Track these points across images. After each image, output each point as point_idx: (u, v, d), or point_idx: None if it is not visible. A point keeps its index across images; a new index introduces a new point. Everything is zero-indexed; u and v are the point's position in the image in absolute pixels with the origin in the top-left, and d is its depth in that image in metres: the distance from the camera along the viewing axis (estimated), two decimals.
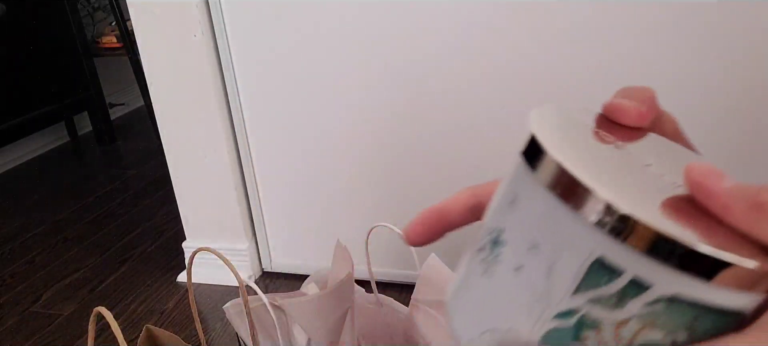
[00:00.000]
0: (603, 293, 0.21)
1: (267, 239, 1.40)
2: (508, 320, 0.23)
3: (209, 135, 1.30)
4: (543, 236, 0.22)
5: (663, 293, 0.21)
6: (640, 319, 0.21)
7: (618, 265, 0.21)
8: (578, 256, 0.21)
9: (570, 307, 0.22)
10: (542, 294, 0.22)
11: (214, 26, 1.21)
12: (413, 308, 0.83)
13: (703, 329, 0.21)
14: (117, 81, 2.87)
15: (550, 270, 0.22)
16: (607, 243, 0.21)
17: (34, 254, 1.66)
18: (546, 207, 0.22)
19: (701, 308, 0.21)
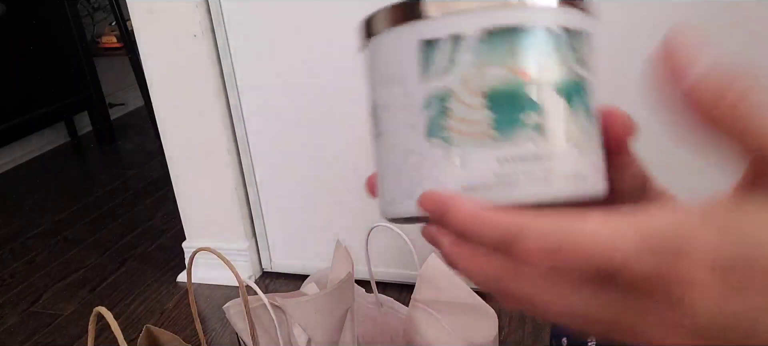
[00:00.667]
0: (439, 64, 0.26)
1: (267, 239, 1.40)
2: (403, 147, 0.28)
3: (209, 135, 1.30)
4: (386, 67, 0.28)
5: (475, 32, 0.26)
6: (474, 66, 0.26)
7: (436, 34, 0.26)
8: (409, 51, 0.27)
9: (426, 93, 0.27)
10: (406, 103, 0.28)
11: (214, 26, 1.21)
12: (413, 308, 0.83)
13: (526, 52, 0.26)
14: (117, 81, 2.87)
15: (401, 81, 0.28)
16: (420, 27, 0.26)
17: (34, 254, 1.66)
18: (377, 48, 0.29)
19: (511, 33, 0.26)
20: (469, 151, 0.26)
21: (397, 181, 0.29)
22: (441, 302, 0.82)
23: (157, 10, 1.22)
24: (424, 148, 0.27)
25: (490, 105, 0.26)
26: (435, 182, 0.27)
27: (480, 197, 0.26)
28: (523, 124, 0.26)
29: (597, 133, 0.29)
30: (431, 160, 0.27)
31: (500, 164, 0.26)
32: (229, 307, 0.77)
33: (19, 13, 2.21)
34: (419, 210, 0.28)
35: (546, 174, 0.26)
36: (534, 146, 0.26)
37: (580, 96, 0.27)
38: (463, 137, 0.26)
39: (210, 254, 0.72)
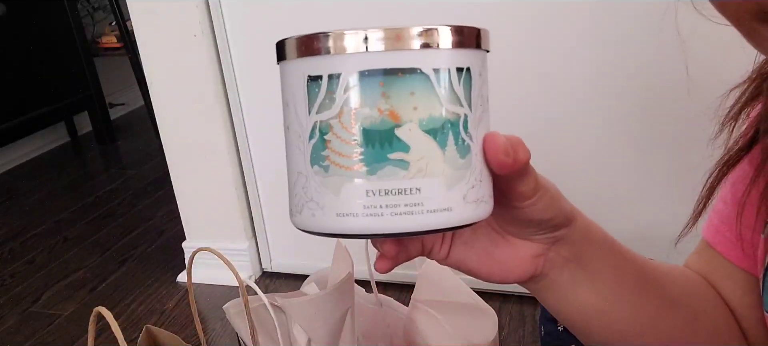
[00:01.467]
0: (320, 99, 0.29)
1: (267, 239, 1.40)
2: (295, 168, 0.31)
3: (209, 135, 1.30)
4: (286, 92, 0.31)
5: (349, 73, 0.28)
6: (349, 104, 0.28)
7: (317, 72, 0.29)
8: (300, 85, 0.30)
9: (311, 125, 0.30)
10: (299, 130, 0.30)
11: (214, 26, 1.21)
12: (413, 308, 0.83)
13: (396, 92, 0.28)
14: (117, 81, 2.87)
15: (295, 109, 0.30)
16: (306, 63, 0.29)
17: (34, 254, 1.66)
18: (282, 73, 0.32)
19: (381, 74, 0.28)
20: (341, 182, 0.29)
21: (293, 194, 0.32)
22: (441, 302, 0.82)
23: (157, 10, 1.22)
24: (309, 173, 0.30)
25: (362, 141, 0.29)
26: (315, 205, 0.30)
27: (350, 224, 0.29)
28: (389, 162, 0.29)
29: (475, 164, 0.31)
30: (313, 185, 0.30)
31: (368, 196, 0.29)
32: (229, 307, 0.77)
33: (19, 13, 2.21)
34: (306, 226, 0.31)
35: (409, 209, 0.29)
36: (398, 182, 0.29)
37: (453, 132, 0.29)
38: (338, 169, 0.29)
39: (210, 254, 0.72)
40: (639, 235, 1.13)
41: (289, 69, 0.31)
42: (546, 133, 1.10)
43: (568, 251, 0.38)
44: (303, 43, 0.29)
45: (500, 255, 0.38)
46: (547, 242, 0.37)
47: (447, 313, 0.81)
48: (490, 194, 0.32)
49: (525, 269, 0.38)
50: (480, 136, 0.31)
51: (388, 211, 0.29)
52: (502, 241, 0.38)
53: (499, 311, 1.21)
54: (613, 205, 1.12)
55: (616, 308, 0.41)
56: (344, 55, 0.28)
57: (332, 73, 0.29)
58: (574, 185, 1.12)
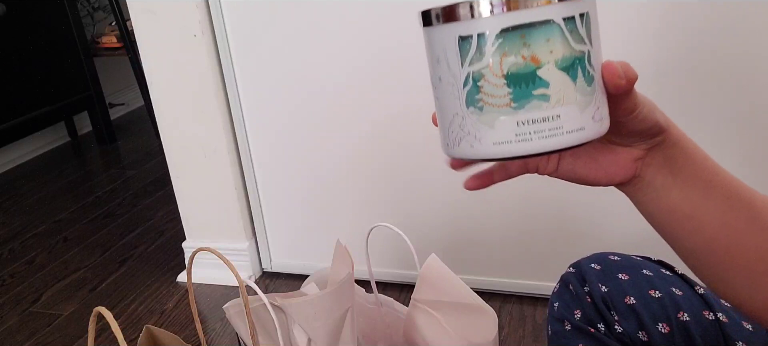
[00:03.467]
0: (471, 54, 0.36)
1: (267, 239, 1.40)
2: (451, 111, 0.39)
3: (209, 135, 1.30)
4: (438, 51, 0.38)
5: (495, 31, 0.35)
6: (496, 55, 0.35)
7: (467, 32, 0.36)
8: (451, 44, 0.37)
9: (464, 75, 0.37)
10: (452, 80, 0.38)
11: (214, 26, 1.21)
12: (413, 308, 0.83)
13: (534, 41, 0.35)
14: (117, 81, 2.87)
15: (448, 63, 0.37)
16: (456, 26, 0.36)
17: (34, 254, 1.66)
18: (431, 36, 0.38)
19: (521, 28, 0.35)
20: (495, 117, 0.37)
21: (449, 131, 0.40)
22: (441, 302, 0.82)
23: (157, 10, 1.22)
24: (465, 113, 0.38)
25: (509, 83, 0.36)
26: (473, 138, 0.38)
27: (505, 150, 0.37)
28: (534, 97, 0.36)
29: (597, 89, 0.38)
30: (470, 122, 0.38)
31: (518, 126, 0.36)
32: (229, 307, 0.77)
33: (19, 13, 2.21)
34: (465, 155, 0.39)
35: (552, 132, 0.36)
36: (542, 112, 0.36)
37: (581, 66, 0.36)
38: (491, 107, 0.36)
39: (210, 254, 0.72)
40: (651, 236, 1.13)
41: (438, 32, 0.37)
42: None
43: (662, 157, 0.44)
44: (451, 11, 0.36)
45: (604, 160, 0.45)
46: (644, 148, 0.44)
47: (447, 313, 0.81)
48: (608, 112, 0.39)
49: (626, 171, 0.44)
50: (599, 65, 0.38)
51: (536, 136, 0.36)
52: (605, 148, 0.44)
53: (499, 311, 1.21)
54: (622, 204, 1.12)
55: (704, 215, 0.44)
56: (490, 17, 0.35)
57: (480, 32, 0.35)
58: None
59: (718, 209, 0.44)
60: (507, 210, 1.19)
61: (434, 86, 0.40)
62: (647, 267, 0.66)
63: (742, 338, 0.59)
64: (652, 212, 0.46)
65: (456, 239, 1.24)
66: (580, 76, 0.36)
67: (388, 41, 1.12)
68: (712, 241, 0.44)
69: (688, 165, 0.44)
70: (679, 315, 0.61)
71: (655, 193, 0.45)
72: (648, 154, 0.44)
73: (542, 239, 1.19)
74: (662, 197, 0.45)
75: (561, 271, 0.71)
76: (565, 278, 0.69)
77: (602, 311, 0.63)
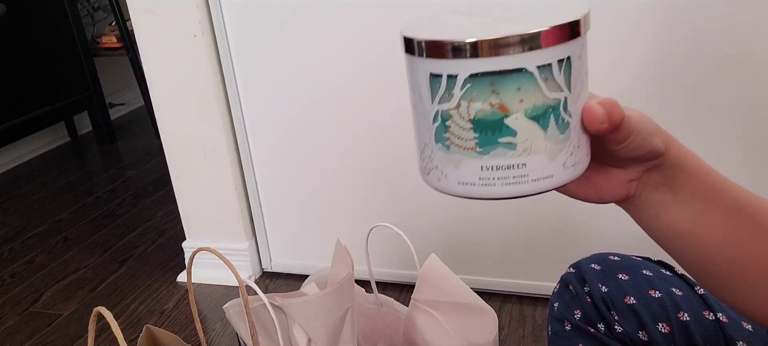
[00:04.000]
0: (441, 93, 0.35)
1: (267, 239, 1.40)
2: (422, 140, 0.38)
3: (209, 135, 1.30)
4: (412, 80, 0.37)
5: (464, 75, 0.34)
6: (464, 99, 0.34)
7: (438, 71, 0.35)
8: (424, 79, 0.36)
9: (434, 112, 0.36)
10: (424, 112, 0.37)
11: (214, 26, 1.21)
12: (413, 308, 0.83)
13: (504, 89, 0.34)
14: (117, 81, 2.87)
15: (420, 95, 0.37)
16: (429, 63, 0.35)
17: (34, 254, 1.66)
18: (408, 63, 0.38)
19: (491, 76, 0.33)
20: (460, 158, 0.36)
21: (421, 158, 0.40)
22: (441, 302, 0.81)
23: (157, 10, 1.22)
24: (433, 147, 0.38)
25: (476, 128, 0.35)
26: (440, 173, 0.38)
27: (468, 191, 0.37)
28: (499, 144, 0.35)
29: (572, 135, 0.36)
30: (437, 157, 0.38)
31: (482, 170, 0.36)
32: (229, 307, 0.77)
33: (19, 13, 2.21)
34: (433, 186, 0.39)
35: (517, 179, 0.36)
36: (507, 160, 0.35)
37: (554, 114, 0.35)
38: (457, 148, 0.36)
39: (210, 254, 0.72)
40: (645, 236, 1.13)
41: (415, 64, 0.37)
42: None
43: (660, 177, 0.43)
44: (427, 46, 0.35)
45: (597, 180, 0.44)
46: (640, 170, 0.43)
47: (447, 313, 0.81)
48: (587, 152, 0.39)
49: (619, 192, 0.44)
50: (579, 107, 0.37)
51: (499, 182, 0.36)
52: (599, 168, 0.43)
53: (499, 311, 1.21)
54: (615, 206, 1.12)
55: (704, 230, 0.43)
56: (460, 60, 0.33)
57: (450, 74, 0.34)
58: None
59: (720, 223, 0.43)
60: (507, 210, 1.19)
61: (412, 110, 0.40)
62: (647, 267, 0.66)
63: (743, 338, 0.59)
64: (650, 229, 0.46)
65: (456, 239, 1.24)
66: (552, 125, 0.35)
67: (389, 41, 1.12)
68: (715, 253, 0.43)
69: (688, 182, 0.43)
70: (679, 315, 0.61)
71: (653, 210, 0.44)
72: (644, 175, 0.43)
73: (542, 239, 1.19)
74: (660, 214, 0.44)
75: (561, 271, 0.71)
76: (565, 278, 0.69)
77: (602, 311, 0.63)
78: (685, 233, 0.44)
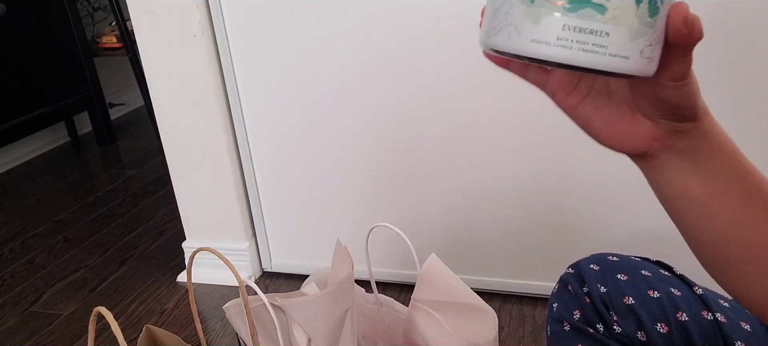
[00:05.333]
0: None
1: (267, 239, 1.40)
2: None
3: (209, 135, 1.30)
4: None
5: None
6: None
7: None
8: None
9: None
10: None
11: (214, 26, 1.21)
12: (413, 308, 0.84)
13: None
14: (117, 81, 2.87)
15: None
16: None
17: (34, 254, 1.66)
18: None
19: None
20: (542, 13, 0.33)
21: (494, 19, 0.36)
22: (441, 302, 0.82)
23: (157, 10, 1.22)
24: (514, 2, 0.34)
25: None
26: (513, 29, 0.34)
27: (541, 50, 0.33)
28: (591, 4, 0.33)
29: (657, 26, 0.34)
30: (516, 12, 0.34)
31: (563, 30, 0.33)
32: (229, 307, 0.78)
33: (19, 13, 2.21)
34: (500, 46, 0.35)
35: (595, 48, 0.33)
36: (592, 23, 0.33)
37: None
38: (543, 1, 0.33)
39: (210, 254, 0.72)
40: (650, 236, 1.13)
41: None
42: (553, 133, 1.11)
43: (685, 144, 0.42)
44: None
45: (623, 126, 0.42)
46: (668, 129, 0.41)
47: (447, 313, 0.82)
48: (659, 56, 0.36)
49: (640, 144, 0.42)
50: (668, 4, 0.35)
51: (577, 46, 0.33)
52: (629, 114, 0.42)
53: (499, 311, 1.21)
54: (621, 205, 1.12)
55: (719, 206, 0.42)
56: None
57: None
58: (583, 185, 1.13)
59: (737, 203, 0.42)
60: (507, 210, 1.19)
61: None
62: (646, 268, 0.66)
63: (741, 338, 0.59)
64: (663, 193, 0.44)
65: (456, 239, 1.24)
66: (645, 4, 0.33)
67: (389, 41, 1.12)
68: (726, 232, 0.43)
69: (712, 157, 0.42)
70: (678, 315, 0.61)
71: (670, 175, 0.43)
72: (669, 137, 0.41)
73: (542, 239, 1.19)
74: (676, 180, 0.43)
75: (560, 271, 0.71)
76: (564, 278, 0.69)
77: (601, 311, 0.63)
78: (700, 205, 0.43)
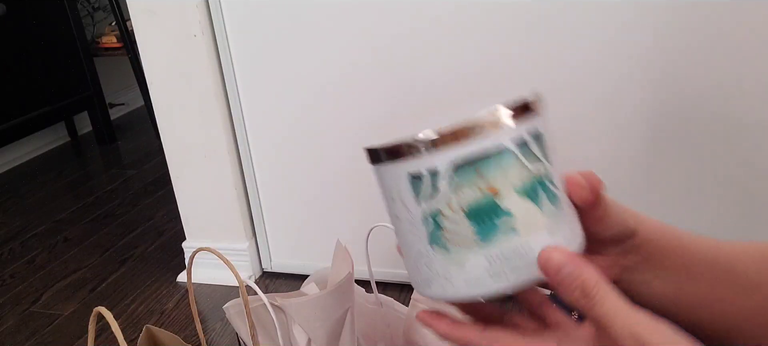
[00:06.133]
0: (425, 192, 0.33)
1: (267, 239, 1.40)
2: (414, 249, 0.36)
3: (209, 135, 1.30)
4: (389, 189, 0.36)
5: (447, 167, 0.32)
6: (452, 192, 0.33)
7: (417, 170, 0.33)
8: (403, 182, 0.34)
9: (422, 214, 0.34)
10: (410, 219, 0.35)
11: (214, 26, 1.21)
12: (413, 308, 0.83)
13: (489, 171, 0.33)
14: (117, 81, 2.87)
15: (403, 202, 0.35)
16: (404, 164, 0.34)
17: (34, 254, 1.66)
18: (380, 174, 0.36)
19: (473, 160, 0.32)
20: (464, 256, 0.34)
21: (417, 270, 0.37)
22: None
23: (157, 10, 1.22)
24: (429, 253, 0.35)
25: (471, 218, 0.33)
26: (444, 279, 0.35)
27: (479, 289, 0.34)
28: (499, 229, 0.33)
29: (564, 206, 0.36)
30: (438, 262, 0.35)
31: (489, 263, 0.34)
32: (229, 307, 0.77)
33: (19, 13, 2.21)
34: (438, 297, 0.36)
35: (525, 263, 0.34)
36: (512, 243, 0.33)
37: (543, 188, 0.34)
38: (455, 245, 0.34)
39: (210, 254, 0.72)
40: None
41: (388, 171, 0.35)
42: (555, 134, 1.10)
43: (636, 257, 0.44)
44: (399, 149, 0.34)
45: None
46: (616, 253, 0.44)
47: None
48: (581, 227, 0.38)
49: None
50: (561, 182, 0.36)
51: (509, 270, 0.34)
52: None
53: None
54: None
55: (690, 297, 0.44)
56: (439, 153, 0.33)
57: (432, 169, 0.33)
58: None
59: (703, 287, 0.44)
60: None
61: (393, 223, 0.38)
62: None
63: None
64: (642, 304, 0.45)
65: None
66: (543, 199, 0.34)
67: (389, 41, 1.12)
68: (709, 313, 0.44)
69: (664, 257, 0.44)
70: None
71: (637, 289, 0.45)
72: (621, 258, 0.44)
73: None
74: (644, 291, 0.45)
75: None
76: None
77: None
78: (673, 303, 0.44)
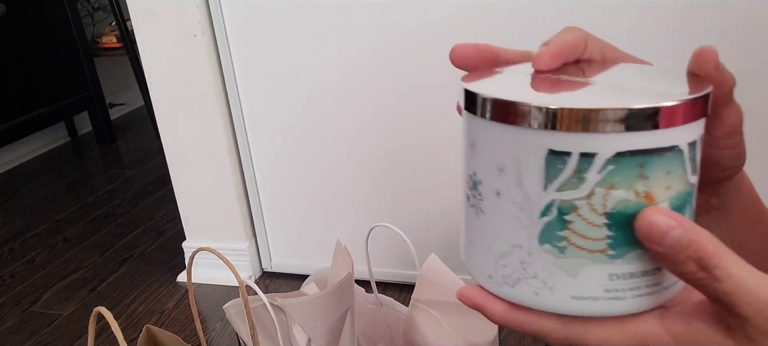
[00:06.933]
0: (564, 177, 0.26)
1: (267, 239, 1.40)
2: (508, 239, 0.29)
3: (209, 135, 1.30)
4: (503, 158, 0.28)
5: (607, 154, 0.25)
6: (601, 186, 0.26)
7: (565, 148, 0.26)
8: (535, 157, 0.26)
9: (546, 202, 0.27)
10: (523, 203, 0.27)
11: (214, 26, 1.21)
12: (413, 308, 0.83)
13: (654, 173, 0.26)
14: (117, 81, 2.87)
15: (520, 180, 0.27)
16: (550, 136, 0.26)
17: (34, 254, 1.66)
18: (496, 135, 0.28)
19: (641, 154, 0.26)
20: (581, 265, 0.27)
21: (501, 263, 0.29)
22: (441, 302, 0.82)
23: (157, 10, 1.22)
24: (533, 249, 0.28)
25: (610, 224, 0.26)
26: (541, 284, 0.28)
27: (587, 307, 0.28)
28: (637, 245, 0.27)
29: None
30: (541, 263, 0.28)
31: (610, 280, 0.27)
32: (229, 307, 0.78)
33: (19, 13, 2.21)
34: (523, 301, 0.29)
35: (650, 289, 0.28)
36: (643, 265, 0.27)
37: (690, 203, 0.28)
38: (578, 250, 0.27)
39: (210, 254, 0.72)
40: None
41: (515, 135, 0.27)
42: None
43: (718, 201, 0.40)
44: (553, 115, 0.25)
45: None
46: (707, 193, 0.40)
47: (447, 313, 0.81)
48: None
49: None
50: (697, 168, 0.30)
51: (630, 293, 0.28)
52: None
53: None
54: None
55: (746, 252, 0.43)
56: (602, 134, 0.25)
57: (586, 152, 0.26)
58: None
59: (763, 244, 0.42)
60: None
61: (479, 195, 0.30)
62: None
63: None
64: None
65: (456, 239, 1.24)
66: (687, 215, 0.28)
67: (389, 40, 1.12)
68: None
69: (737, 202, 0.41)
70: None
71: None
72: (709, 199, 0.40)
73: None
74: None
75: None
76: None
77: None
78: None
